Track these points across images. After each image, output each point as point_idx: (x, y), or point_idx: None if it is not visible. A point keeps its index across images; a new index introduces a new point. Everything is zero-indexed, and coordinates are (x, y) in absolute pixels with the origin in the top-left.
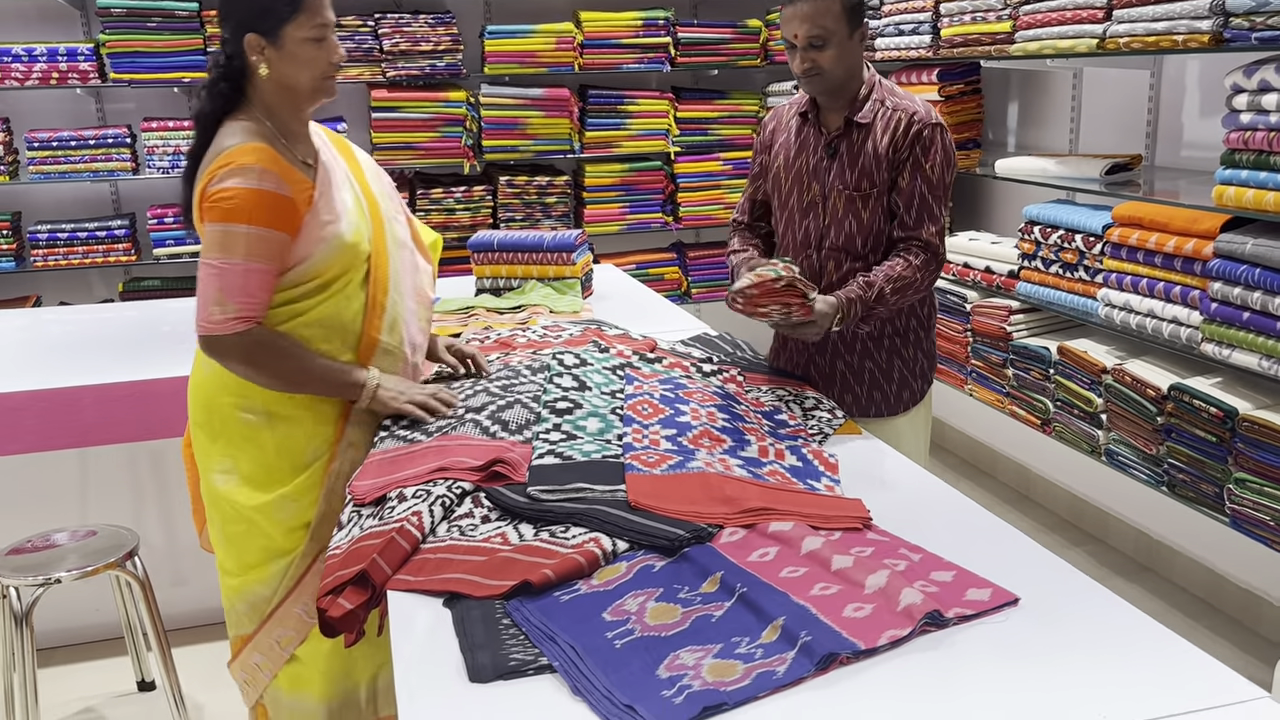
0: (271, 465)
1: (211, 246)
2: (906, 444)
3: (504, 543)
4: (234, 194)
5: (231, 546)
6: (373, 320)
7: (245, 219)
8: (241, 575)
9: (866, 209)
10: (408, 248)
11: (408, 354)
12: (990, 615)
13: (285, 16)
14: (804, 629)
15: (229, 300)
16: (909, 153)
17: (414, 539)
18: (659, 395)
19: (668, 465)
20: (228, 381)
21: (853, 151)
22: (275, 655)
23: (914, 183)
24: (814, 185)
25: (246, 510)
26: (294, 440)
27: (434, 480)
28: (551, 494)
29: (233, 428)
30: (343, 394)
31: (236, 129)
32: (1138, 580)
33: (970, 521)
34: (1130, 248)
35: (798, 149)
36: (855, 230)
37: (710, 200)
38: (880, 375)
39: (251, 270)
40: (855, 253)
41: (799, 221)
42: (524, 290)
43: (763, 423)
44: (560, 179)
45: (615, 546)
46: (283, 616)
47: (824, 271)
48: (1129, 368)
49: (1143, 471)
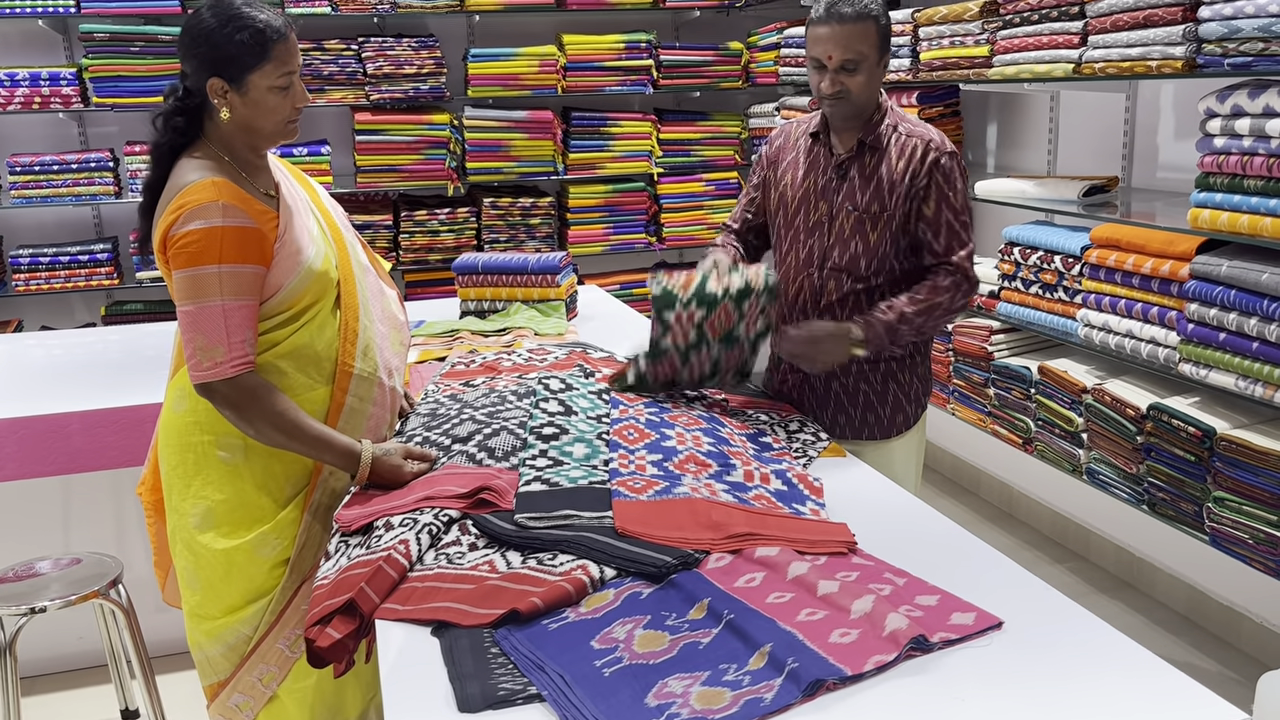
0: (251, 503)
1: (184, 293)
2: (899, 467)
3: (491, 571)
4: (197, 237)
5: (210, 592)
6: (346, 347)
7: (214, 259)
8: (222, 618)
9: (875, 231)
10: (370, 272)
11: (384, 379)
12: (975, 639)
13: (251, 65)
14: (791, 655)
15: (215, 345)
16: (929, 180)
17: (401, 567)
18: (644, 420)
19: (654, 491)
20: (203, 419)
21: (864, 174)
22: (258, 693)
23: (940, 211)
24: (821, 204)
25: (226, 553)
26: (273, 475)
27: (420, 509)
28: (539, 521)
29: (210, 468)
30: (334, 463)
31: (193, 165)
32: (1119, 596)
33: (954, 544)
34: (1108, 269)
35: (807, 168)
36: (860, 251)
37: (693, 221)
38: (875, 398)
39: (230, 309)
40: (858, 274)
41: (804, 240)
42: (509, 313)
43: (748, 446)
44: (544, 200)
45: (603, 574)
46: (264, 653)
47: (824, 290)
48: (1109, 387)
49: (1123, 490)
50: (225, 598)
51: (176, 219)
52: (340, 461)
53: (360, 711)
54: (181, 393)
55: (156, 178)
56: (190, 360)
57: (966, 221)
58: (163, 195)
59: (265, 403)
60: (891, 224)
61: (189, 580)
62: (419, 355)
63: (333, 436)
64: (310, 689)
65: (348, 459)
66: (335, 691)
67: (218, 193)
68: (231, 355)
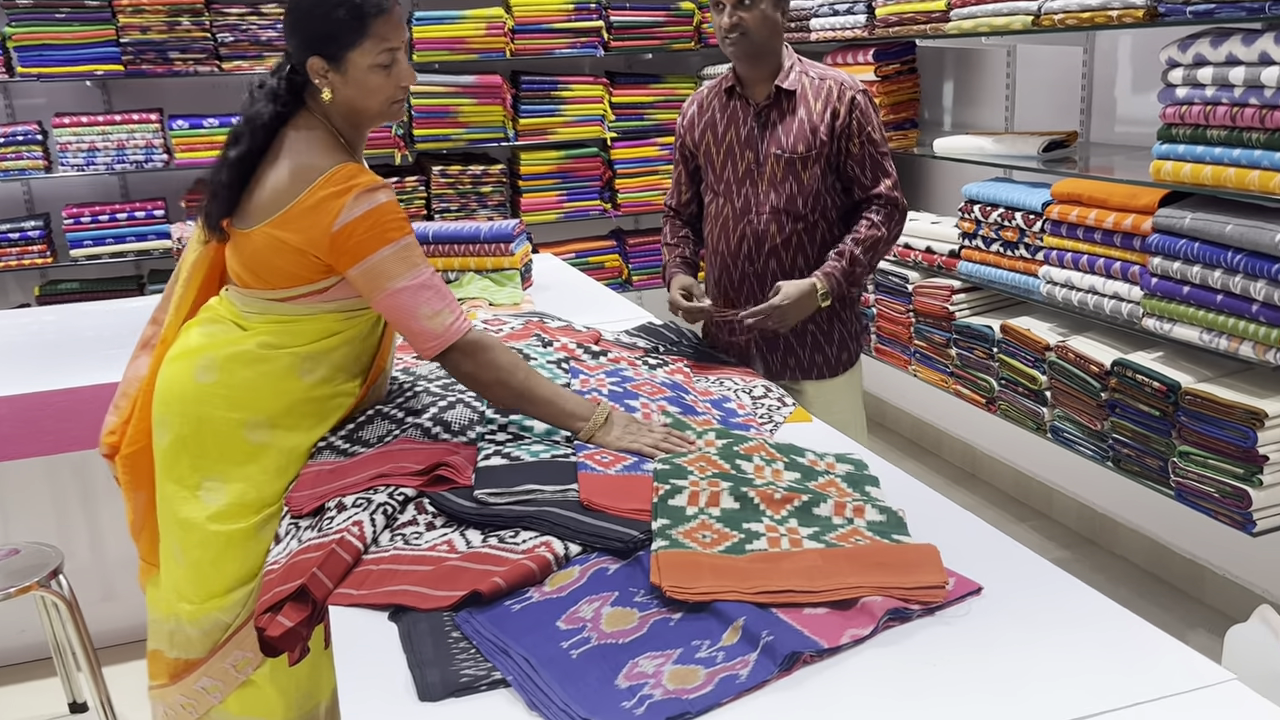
0: (265, 486)
1: (395, 270)
2: (844, 404)
3: (450, 551)
4: (384, 213)
5: (197, 574)
6: (389, 336)
7: (405, 230)
8: (203, 603)
9: (806, 171)
10: None
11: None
12: (954, 606)
13: (350, 43)
14: (765, 629)
15: (443, 309)
16: (849, 119)
17: (355, 550)
18: (606, 390)
19: (622, 466)
20: (238, 396)
21: (785, 119)
22: (229, 678)
23: (864, 148)
24: (748, 153)
25: (228, 535)
26: (297, 455)
27: (374, 488)
28: (499, 498)
29: (231, 446)
30: (563, 421)
31: (316, 145)
32: (1081, 553)
33: (921, 505)
34: (1070, 224)
35: (726, 123)
36: (796, 191)
37: (648, 186)
38: (822, 338)
39: (432, 275)
40: (797, 213)
41: (736, 190)
42: (461, 283)
43: (712, 412)
44: (495, 168)
45: (568, 550)
46: (241, 640)
47: (766, 234)
48: (1072, 344)
49: (1088, 447)
50: (211, 582)
51: (344, 204)
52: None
53: (330, 692)
54: (211, 364)
55: (251, 150)
56: (420, 337)
57: (886, 153)
58: (282, 172)
59: (498, 349)
60: (820, 161)
61: (175, 557)
62: None
63: (564, 393)
64: (285, 673)
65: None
66: (310, 675)
67: (363, 173)
68: (458, 314)
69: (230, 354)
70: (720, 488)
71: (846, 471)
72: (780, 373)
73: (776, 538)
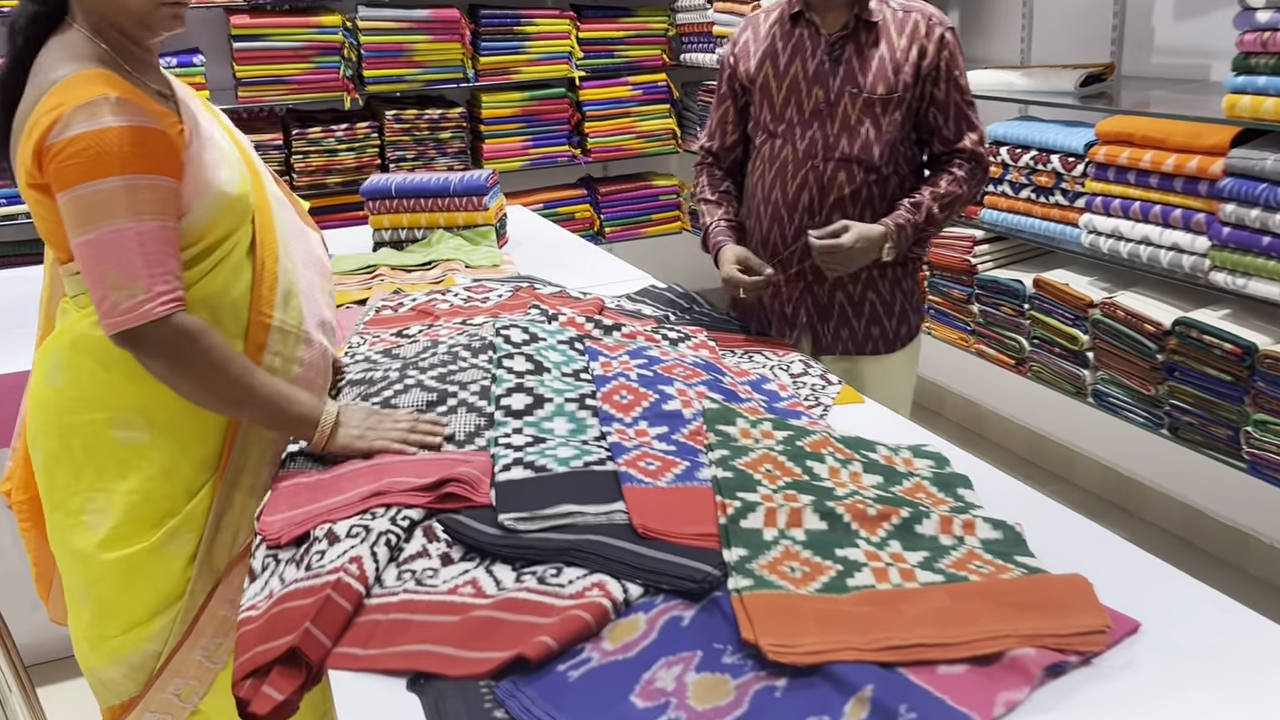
0: (156, 494)
1: (80, 219)
2: (897, 384)
3: (477, 594)
4: (86, 143)
5: (105, 608)
6: (262, 294)
7: (114, 168)
8: (121, 636)
9: (886, 116)
10: (288, 208)
11: (312, 333)
12: (1113, 650)
13: None
14: (900, 699)
15: (133, 279)
16: (937, 60)
17: (356, 595)
18: (635, 375)
19: (674, 475)
20: (92, 393)
21: (863, 54)
22: (175, 710)
23: (950, 94)
24: (816, 90)
25: (126, 560)
26: (185, 454)
27: (371, 510)
28: (530, 523)
29: (104, 453)
30: (291, 428)
31: (62, 54)
32: (1109, 520)
33: (1001, 500)
34: (1119, 167)
35: (790, 54)
36: (872, 138)
37: (620, 129)
38: (881, 309)
39: (146, 233)
40: (870, 163)
41: (801, 131)
42: (430, 242)
43: (754, 395)
44: (454, 111)
45: (627, 593)
46: (179, 667)
47: (833, 184)
48: (1121, 300)
49: (1138, 414)
50: (125, 612)
51: (53, 124)
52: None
53: None
54: (59, 362)
55: (12, 70)
56: (101, 305)
57: (972, 101)
58: (26, 93)
59: (208, 349)
60: (902, 107)
61: (78, 596)
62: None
63: (291, 391)
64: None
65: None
66: None
67: (106, 84)
68: (156, 291)
69: (71, 344)
70: (800, 503)
71: (930, 470)
72: (831, 346)
73: (882, 568)
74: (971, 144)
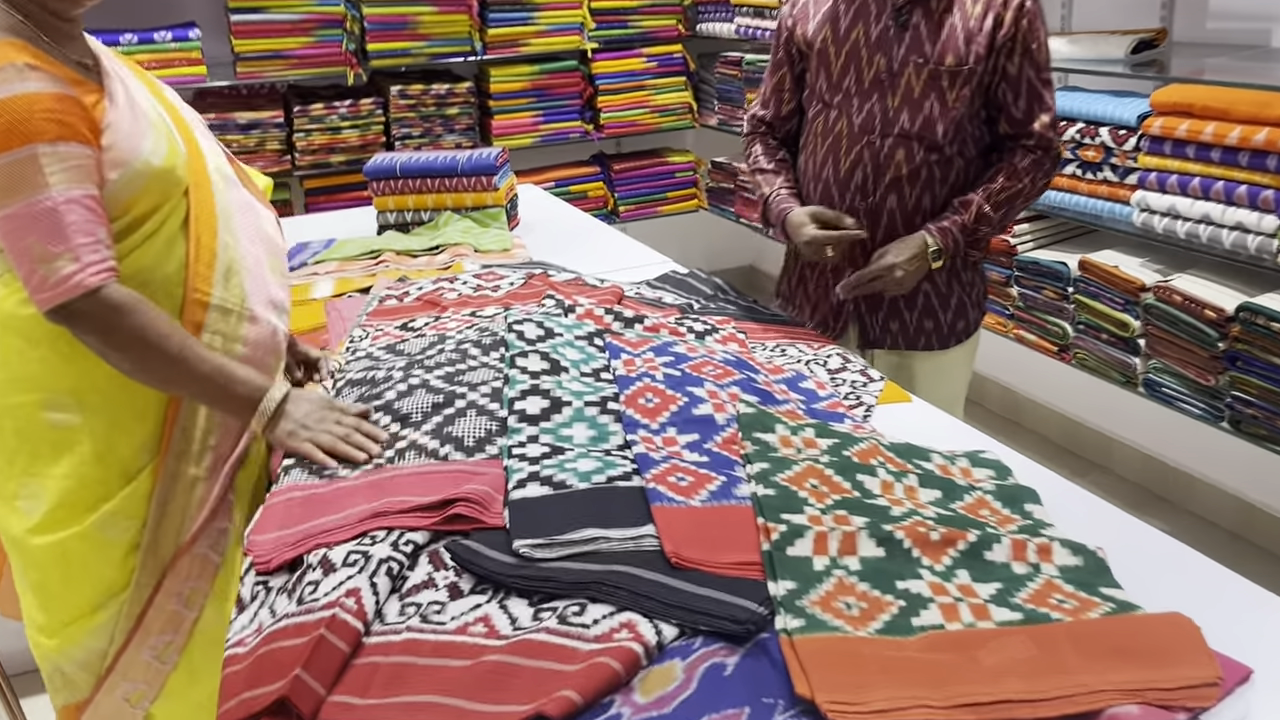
0: (91, 477)
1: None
2: (950, 383)
3: (490, 634)
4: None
5: (46, 598)
6: (199, 270)
7: (27, 137)
8: (61, 632)
9: (953, 90)
10: (237, 185)
11: (258, 312)
12: (1225, 702)
13: None
14: None
15: (58, 252)
16: (1013, 31)
17: (354, 634)
18: (661, 376)
19: (708, 492)
20: (20, 373)
21: (932, 20)
22: (127, 716)
23: (1024, 69)
24: (878, 58)
25: (60, 545)
26: (119, 434)
27: (370, 533)
28: (548, 549)
29: (36, 436)
30: (232, 408)
31: None
32: (1151, 512)
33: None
34: (1177, 141)
35: (853, 18)
36: (937, 114)
37: (634, 103)
38: (937, 301)
39: (68, 202)
40: (933, 141)
41: (858, 103)
42: (438, 224)
43: (791, 395)
44: (461, 86)
45: (660, 635)
46: (126, 668)
47: (890, 162)
48: (1177, 284)
49: (1195, 405)
50: (66, 603)
51: None
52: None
53: None
54: None
55: None
56: (30, 282)
57: (1049, 80)
58: None
59: (144, 322)
60: (972, 81)
61: (21, 585)
62: (335, 286)
63: (235, 367)
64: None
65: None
66: None
67: (17, 52)
68: (85, 261)
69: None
70: (854, 525)
71: (991, 481)
72: (879, 339)
73: (950, 604)
74: (1041, 127)
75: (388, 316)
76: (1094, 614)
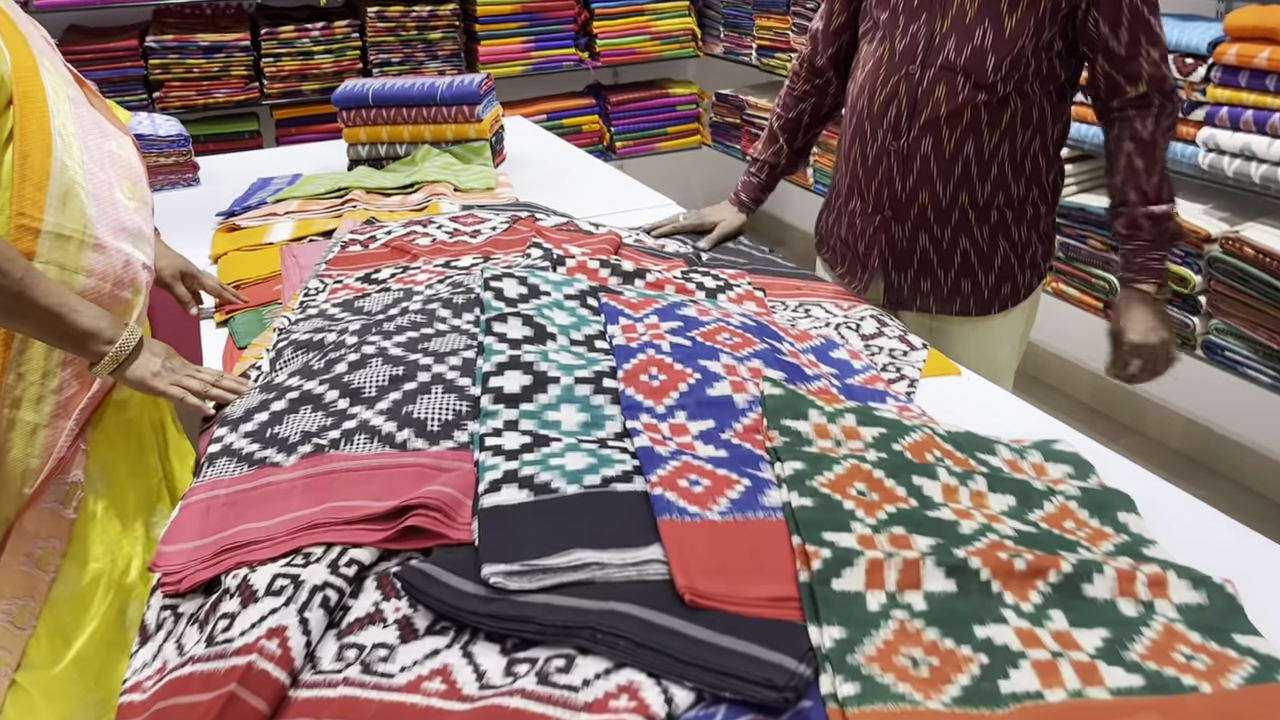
0: None
1: None
2: (992, 355)
3: (449, 692)
4: None
5: None
6: (25, 191)
7: None
8: None
9: (1014, 16)
10: (83, 104)
11: (105, 239)
12: None
13: None
14: None
15: None
16: None
17: (275, 687)
18: (669, 346)
19: (729, 501)
20: None
21: None
22: None
23: None
24: None
25: None
26: None
27: (305, 549)
28: (525, 579)
29: None
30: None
31: None
32: (1190, 479)
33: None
34: (1255, 71)
35: None
36: (990, 44)
37: (634, 29)
38: (977, 259)
39: None
40: (981, 75)
41: (903, 26)
42: (414, 159)
43: (821, 369)
44: (445, 8)
45: (671, 704)
46: None
47: (928, 100)
48: (1247, 235)
49: (1264, 372)
50: None
51: None
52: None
53: None
54: None
55: None
56: None
57: (1156, 4)
58: None
59: None
60: (1038, 6)
61: None
62: (294, 229)
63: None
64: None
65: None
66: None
67: None
68: None
69: None
70: (916, 550)
71: (1072, 483)
72: (907, 300)
73: (1048, 661)
74: (1149, 66)
75: (349, 265)
76: (1235, 677)
